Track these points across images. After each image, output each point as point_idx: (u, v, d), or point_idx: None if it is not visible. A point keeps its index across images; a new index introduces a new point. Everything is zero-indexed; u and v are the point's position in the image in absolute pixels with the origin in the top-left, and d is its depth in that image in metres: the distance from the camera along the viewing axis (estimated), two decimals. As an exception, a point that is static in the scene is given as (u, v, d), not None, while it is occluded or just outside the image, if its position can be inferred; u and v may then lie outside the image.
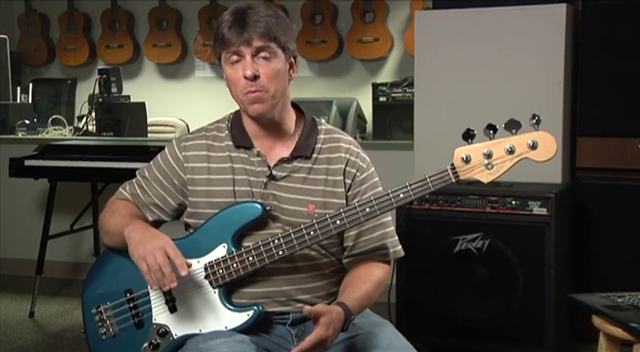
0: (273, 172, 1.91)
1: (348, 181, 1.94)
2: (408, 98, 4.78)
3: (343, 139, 1.99)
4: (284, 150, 1.93)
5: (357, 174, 1.95)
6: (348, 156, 1.95)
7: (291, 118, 1.96)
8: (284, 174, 1.91)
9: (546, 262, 3.07)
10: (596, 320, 2.19)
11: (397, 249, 1.99)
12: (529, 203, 3.10)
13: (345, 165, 1.94)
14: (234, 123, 1.97)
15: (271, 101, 1.86)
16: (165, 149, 2.01)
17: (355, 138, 4.46)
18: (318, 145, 1.95)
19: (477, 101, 3.49)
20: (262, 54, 1.83)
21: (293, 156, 1.92)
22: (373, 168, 1.99)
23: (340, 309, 1.75)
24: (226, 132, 1.97)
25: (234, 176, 1.91)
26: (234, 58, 1.84)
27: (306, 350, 1.68)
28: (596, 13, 3.41)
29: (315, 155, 1.93)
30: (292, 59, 1.91)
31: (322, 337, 1.68)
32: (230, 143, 1.95)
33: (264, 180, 1.90)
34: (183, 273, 1.76)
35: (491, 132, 1.71)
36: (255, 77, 1.82)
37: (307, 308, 1.70)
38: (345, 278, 1.93)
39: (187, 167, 1.95)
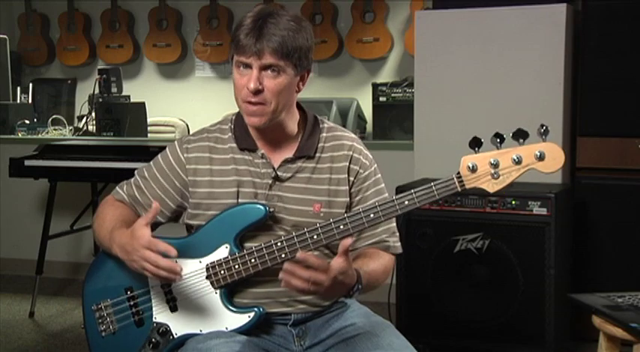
0: (279, 173, 1.90)
1: (352, 178, 1.94)
2: (408, 98, 4.78)
3: (346, 137, 1.98)
4: (287, 150, 1.93)
5: (360, 171, 1.95)
6: (351, 153, 1.95)
7: (294, 121, 1.94)
8: (289, 174, 1.91)
9: (546, 262, 3.07)
10: (596, 320, 2.19)
11: (397, 244, 2.00)
12: (529, 203, 3.10)
13: (349, 163, 1.94)
14: (237, 124, 1.96)
15: (270, 116, 1.84)
16: (167, 149, 2.00)
17: (355, 138, 4.46)
18: (321, 144, 1.94)
19: (476, 101, 3.49)
20: (271, 68, 1.80)
21: (297, 157, 1.92)
22: (376, 166, 1.99)
23: (355, 272, 1.76)
24: (229, 134, 1.96)
25: (238, 178, 1.90)
26: (243, 64, 1.81)
27: (311, 265, 1.67)
28: (596, 13, 3.40)
29: (318, 154, 1.93)
30: (305, 73, 1.88)
31: (329, 269, 1.68)
32: (234, 145, 1.94)
33: (269, 182, 1.89)
34: (173, 254, 1.76)
35: (499, 141, 1.70)
36: (258, 91, 1.80)
37: (346, 242, 1.69)
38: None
39: (189, 169, 1.94)
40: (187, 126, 5.49)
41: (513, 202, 3.12)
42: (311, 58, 1.87)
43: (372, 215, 1.77)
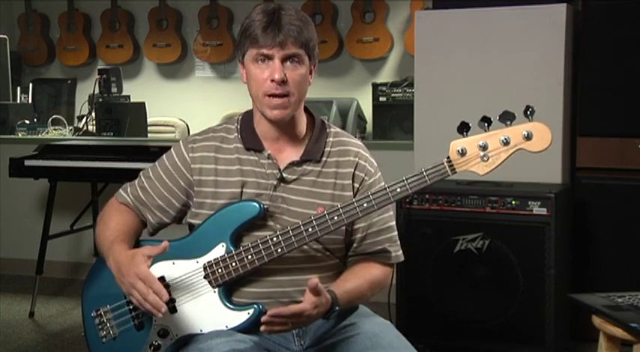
0: (284, 175, 1.90)
1: (356, 185, 1.94)
2: (408, 98, 4.79)
3: (352, 143, 1.99)
4: (293, 153, 1.93)
5: (366, 178, 1.95)
6: (357, 159, 1.96)
7: (303, 121, 1.96)
8: (294, 177, 1.91)
9: (546, 262, 3.07)
10: (596, 320, 2.19)
11: (399, 253, 2.01)
12: (529, 203, 3.10)
13: (355, 169, 1.95)
14: (244, 125, 1.96)
15: (293, 107, 1.86)
16: (172, 149, 2.00)
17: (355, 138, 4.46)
18: (328, 148, 1.95)
19: (476, 101, 3.49)
20: (291, 59, 1.83)
21: (303, 160, 1.92)
22: (380, 174, 2.00)
23: (329, 297, 1.78)
24: (235, 134, 1.96)
25: (242, 178, 1.91)
26: (262, 58, 1.84)
27: (285, 316, 1.71)
28: (596, 13, 3.41)
29: (324, 158, 1.94)
30: (312, 66, 1.92)
31: (305, 311, 1.71)
32: (240, 145, 1.94)
33: (274, 183, 1.90)
34: (165, 298, 1.76)
35: (486, 124, 1.73)
36: (283, 81, 1.82)
37: (314, 281, 1.71)
38: (343, 272, 1.95)
39: (194, 168, 1.94)
40: (187, 126, 5.49)
41: (513, 202, 3.12)
42: (317, 51, 1.92)
43: (365, 204, 1.78)
